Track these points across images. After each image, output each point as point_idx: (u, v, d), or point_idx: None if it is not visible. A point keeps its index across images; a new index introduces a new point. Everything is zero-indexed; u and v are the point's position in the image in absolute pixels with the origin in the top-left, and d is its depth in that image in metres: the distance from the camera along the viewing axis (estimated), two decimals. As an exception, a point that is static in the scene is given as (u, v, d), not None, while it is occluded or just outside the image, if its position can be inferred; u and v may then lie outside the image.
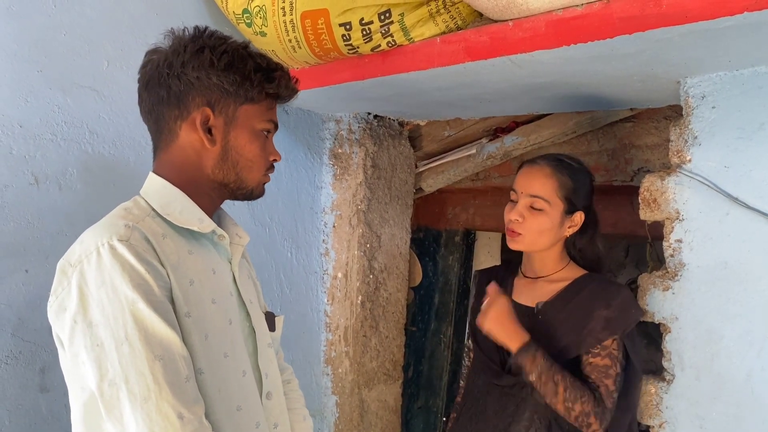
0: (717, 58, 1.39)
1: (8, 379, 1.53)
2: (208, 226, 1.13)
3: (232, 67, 1.09)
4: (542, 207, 1.54)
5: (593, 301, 1.51)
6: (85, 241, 1.01)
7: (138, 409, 0.93)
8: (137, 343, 0.94)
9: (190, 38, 1.11)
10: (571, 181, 1.57)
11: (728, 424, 1.48)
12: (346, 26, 1.61)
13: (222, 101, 1.10)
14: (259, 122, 1.15)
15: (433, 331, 3.05)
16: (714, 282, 1.50)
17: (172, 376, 0.95)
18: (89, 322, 0.96)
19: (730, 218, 1.47)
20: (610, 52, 1.36)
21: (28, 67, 1.57)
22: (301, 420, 1.35)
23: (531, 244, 1.58)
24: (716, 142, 1.49)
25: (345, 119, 2.36)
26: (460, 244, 3.08)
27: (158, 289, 0.98)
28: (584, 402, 1.42)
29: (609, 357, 1.46)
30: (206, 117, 1.10)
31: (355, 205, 2.33)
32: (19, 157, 1.55)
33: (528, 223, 1.55)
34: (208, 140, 1.11)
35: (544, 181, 1.56)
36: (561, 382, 1.42)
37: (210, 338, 1.06)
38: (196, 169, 1.13)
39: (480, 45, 1.48)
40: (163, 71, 1.09)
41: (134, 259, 0.97)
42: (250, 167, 1.15)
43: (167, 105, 1.11)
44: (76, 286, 0.97)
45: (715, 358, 1.50)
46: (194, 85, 1.09)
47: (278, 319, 1.32)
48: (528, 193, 1.56)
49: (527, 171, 1.61)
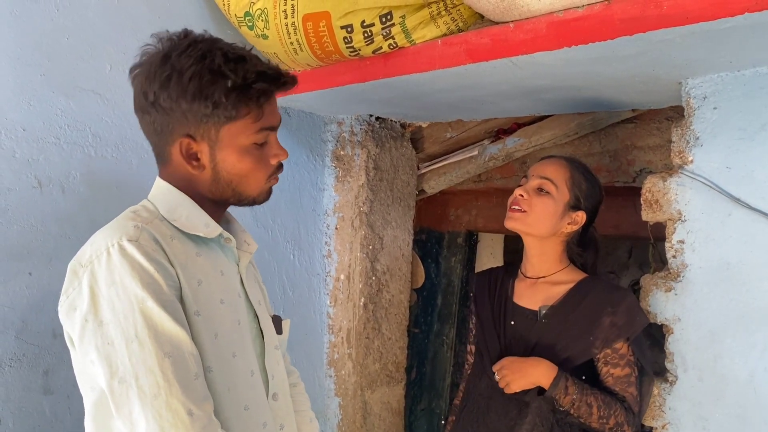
0: (718, 59, 1.38)
1: (12, 381, 1.54)
2: (214, 230, 1.13)
3: (201, 94, 1.02)
4: (550, 190, 1.56)
5: (599, 307, 1.51)
6: (96, 242, 1.02)
7: (148, 406, 0.93)
8: (147, 340, 0.95)
9: (160, 60, 1.05)
10: (583, 179, 1.59)
11: (731, 425, 1.47)
12: (347, 28, 1.62)
13: (201, 127, 1.06)
14: (247, 137, 1.08)
15: (436, 333, 3.05)
16: (716, 283, 1.49)
17: (182, 374, 0.96)
18: (100, 321, 0.96)
19: (732, 219, 1.46)
20: (611, 53, 1.35)
21: (30, 70, 1.58)
22: (307, 422, 1.35)
23: (529, 225, 1.58)
24: (718, 143, 1.49)
25: (347, 121, 2.37)
26: (463, 245, 3.08)
27: (167, 288, 0.99)
28: (617, 415, 1.46)
29: (628, 365, 1.49)
30: (188, 146, 1.08)
31: (357, 206, 2.33)
32: (22, 160, 1.56)
33: (533, 201, 1.57)
34: (195, 167, 1.09)
35: (557, 167, 1.60)
36: (594, 402, 1.46)
37: (219, 337, 1.07)
38: (193, 188, 1.12)
39: (481, 47, 1.48)
40: (142, 100, 1.08)
41: (143, 259, 0.98)
42: (246, 182, 1.12)
43: (154, 132, 1.11)
44: (87, 286, 0.98)
45: (718, 359, 1.49)
46: (170, 115, 1.05)
47: (285, 323, 1.32)
48: (539, 174, 1.59)
49: (544, 159, 1.66)
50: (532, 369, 1.49)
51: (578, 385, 1.47)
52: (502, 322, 1.64)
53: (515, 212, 1.59)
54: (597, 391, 1.47)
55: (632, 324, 1.49)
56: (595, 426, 1.46)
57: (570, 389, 1.46)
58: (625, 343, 1.49)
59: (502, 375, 1.52)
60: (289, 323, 1.33)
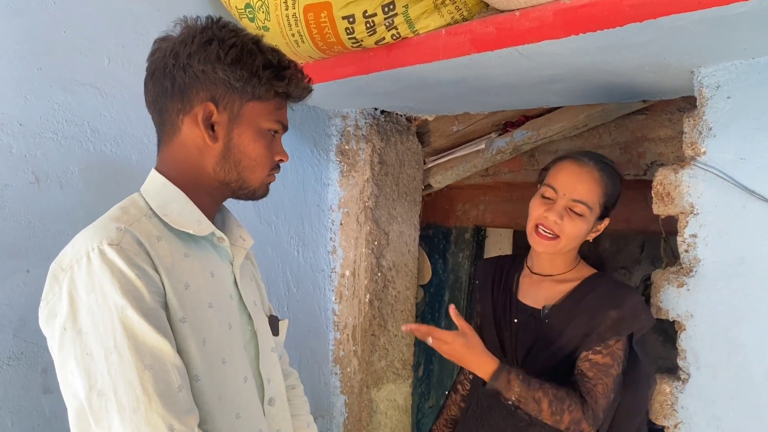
0: (732, 46, 1.34)
1: (10, 380, 1.52)
2: (206, 228, 1.10)
3: (240, 62, 1.04)
4: (583, 212, 1.46)
5: (602, 303, 1.46)
6: (77, 244, 0.98)
7: (127, 421, 0.89)
8: (126, 351, 0.91)
9: (200, 28, 1.07)
10: (612, 188, 1.50)
11: (746, 424, 1.43)
12: (349, 19, 1.58)
13: (227, 97, 1.07)
14: (266, 121, 1.10)
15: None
16: (730, 278, 1.45)
17: (163, 386, 0.92)
18: (79, 330, 0.93)
19: (746, 212, 1.42)
20: (620, 41, 1.32)
21: (27, 64, 1.55)
22: (305, 427, 1.31)
23: (563, 248, 1.50)
24: (732, 134, 1.45)
25: (351, 115, 2.34)
26: (471, 241, 3.05)
27: (149, 296, 0.95)
28: (571, 411, 1.37)
29: (611, 356, 1.41)
30: (209, 112, 1.07)
31: (362, 202, 2.30)
32: (19, 156, 1.54)
33: (566, 227, 1.46)
34: (210, 137, 1.07)
35: (592, 187, 1.47)
36: (543, 397, 1.37)
37: (208, 344, 1.03)
38: (198, 166, 1.10)
39: (486, 36, 1.44)
40: (169, 61, 1.06)
41: (124, 265, 0.94)
42: (253, 167, 1.11)
43: (171, 97, 1.08)
44: (66, 293, 0.94)
45: (731, 356, 1.45)
46: (199, 78, 1.05)
47: (282, 323, 1.28)
48: (572, 196, 1.47)
49: (573, 170, 1.50)
50: (470, 357, 1.40)
51: (524, 379, 1.38)
52: (506, 318, 1.60)
53: (546, 238, 1.48)
54: (549, 385, 1.38)
55: (634, 321, 1.43)
56: (550, 423, 1.38)
57: (513, 383, 1.37)
58: (620, 339, 1.42)
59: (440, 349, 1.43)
60: (287, 323, 1.30)
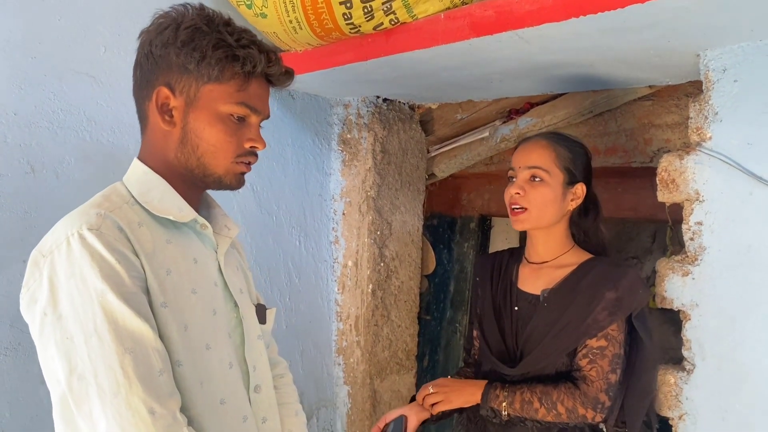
0: (738, 28, 1.31)
1: (8, 370, 1.51)
2: (188, 215, 1.08)
3: (191, 42, 1.01)
4: (542, 177, 1.50)
5: (599, 284, 1.44)
6: (57, 230, 0.97)
7: (107, 405, 0.89)
8: (106, 335, 0.90)
9: (172, 17, 1.05)
10: (568, 151, 1.53)
11: (752, 416, 1.40)
12: (346, 4, 1.55)
13: (183, 80, 1.03)
14: (224, 104, 1.04)
15: (449, 320, 2.98)
16: (736, 266, 1.42)
17: (144, 370, 0.91)
18: (59, 315, 0.92)
19: (753, 198, 1.39)
20: (622, 24, 1.28)
21: (21, 53, 1.54)
22: (293, 415, 1.30)
23: (537, 219, 1.52)
24: (739, 118, 1.41)
25: (353, 103, 2.31)
26: (476, 230, 3.00)
27: (130, 280, 0.94)
28: (563, 401, 1.40)
29: (605, 337, 1.42)
30: (165, 97, 1.04)
31: (364, 191, 2.28)
32: (14, 145, 1.52)
33: (530, 195, 1.50)
34: (165, 122, 1.05)
35: (540, 152, 1.53)
36: (533, 397, 1.42)
37: (190, 329, 1.02)
38: (163, 153, 1.08)
39: (485, 20, 1.42)
40: (140, 53, 1.06)
41: (104, 249, 0.93)
42: (212, 153, 1.06)
43: (139, 86, 1.08)
44: (46, 278, 0.93)
45: (737, 346, 1.42)
46: (158, 63, 1.04)
47: (269, 312, 1.26)
48: (526, 165, 1.53)
49: (523, 146, 1.58)
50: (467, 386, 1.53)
51: (509, 386, 1.46)
52: (507, 307, 1.58)
53: (518, 213, 1.53)
54: (536, 385, 1.44)
55: (632, 299, 1.42)
56: (551, 419, 1.42)
57: (500, 392, 1.45)
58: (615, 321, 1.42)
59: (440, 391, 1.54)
60: (274, 312, 1.28)
